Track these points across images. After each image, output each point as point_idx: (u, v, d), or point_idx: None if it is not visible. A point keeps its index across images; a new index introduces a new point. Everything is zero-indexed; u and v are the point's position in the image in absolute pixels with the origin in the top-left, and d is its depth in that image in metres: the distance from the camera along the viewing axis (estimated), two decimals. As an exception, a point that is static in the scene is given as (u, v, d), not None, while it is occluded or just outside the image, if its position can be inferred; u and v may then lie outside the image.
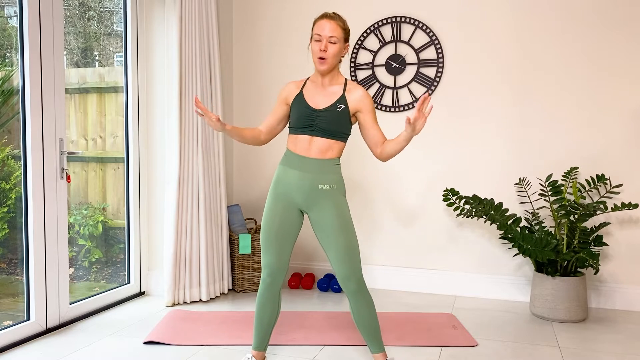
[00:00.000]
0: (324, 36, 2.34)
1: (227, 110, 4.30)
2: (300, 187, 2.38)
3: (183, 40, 3.57)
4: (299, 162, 2.39)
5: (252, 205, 4.40)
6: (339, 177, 2.42)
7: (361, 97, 2.40)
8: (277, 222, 2.40)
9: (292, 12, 4.20)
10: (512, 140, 3.76)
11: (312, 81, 2.47)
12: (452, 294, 3.91)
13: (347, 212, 2.40)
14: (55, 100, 3.03)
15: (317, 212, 2.38)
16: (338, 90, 2.43)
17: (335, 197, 2.39)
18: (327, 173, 2.39)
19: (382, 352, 2.46)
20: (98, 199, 3.66)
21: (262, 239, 2.43)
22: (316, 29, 2.37)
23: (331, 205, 2.37)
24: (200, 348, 2.86)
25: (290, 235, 2.42)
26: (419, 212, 3.97)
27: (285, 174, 2.42)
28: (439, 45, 3.87)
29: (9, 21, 2.99)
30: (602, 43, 3.57)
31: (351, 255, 2.35)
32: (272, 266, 2.41)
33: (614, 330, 3.20)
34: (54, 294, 3.06)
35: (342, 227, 2.35)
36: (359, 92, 2.42)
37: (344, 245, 2.34)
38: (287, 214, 2.41)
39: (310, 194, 2.38)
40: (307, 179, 2.37)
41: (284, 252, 2.41)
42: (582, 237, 3.42)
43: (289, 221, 2.41)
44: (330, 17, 2.37)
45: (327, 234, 2.36)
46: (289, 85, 2.49)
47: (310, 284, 4.04)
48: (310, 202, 2.39)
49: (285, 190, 2.41)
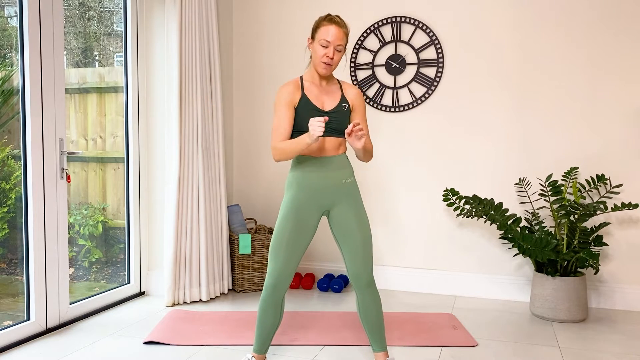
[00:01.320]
0: (332, 44, 2.33)
1: (227, 110, 4.30)
2: (326, 187, 2.40)
3: (183, 40, 3.57)
4: (319, 163, 2.39)
5: (252, 205, 4.40)
6: (352, 169, 2.49)
7: (357, 96, 2.48)
8: (291, 231, 2.37)
9: (292, 12, 4.20)
10: (512, 140, 3.76)
11: (308, 81, 2.44)
12: (452, 294, 3.91)
13: (363, 206, 2.48)
14: (55, 100, 3.03)
15: (340, 208, 2.41)
16: (336, 89, 2.46)
17: (356, 190, 2.46)
18: (346, 167, 2.45)
19: (384, 351, 2.47)
20: (98, 199, 3.66)
21: (272, 246, 2.39)
22: (323, 33, 2.33)
23: (353, 201, 2.42)
24: (200, 348, 2.86)
25: (301, 245, 2.40)
26: (419, 212, 3.97)
27: (307, 179, 2.39)
28: (439, 45, 3.87)
29: (9, 21, 2.99)
30: (602, 43, 3.57)
31: (368, 250, 2.39)
32: (279, 274, 2.38)
33: (614, 330, 3.20)
34: (54, 294, 3.06)
35: (361, 223, 2.40)
36: (354, 91, 2.49)
37: (362, 240, 2.38)
38: (303, 222, 2.38)
39: (337, 191, 2.41)
40: (330, 178, 2.40)
41: (293, 260, 2.39)
42: (582, 237, 3.42)
43: (304, 231, 2.39)
44: (338, 23, 2.34)
45: (347, 230, 2.39)
46: (288, 88, 2.39)
47: (310, 284, 4.04)
48: (336, 199, 2.41)
49: (309, 196, 2.39)
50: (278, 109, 2.36)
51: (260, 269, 3.97)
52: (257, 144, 4.35)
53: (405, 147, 3.98)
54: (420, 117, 3.94)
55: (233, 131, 4.41)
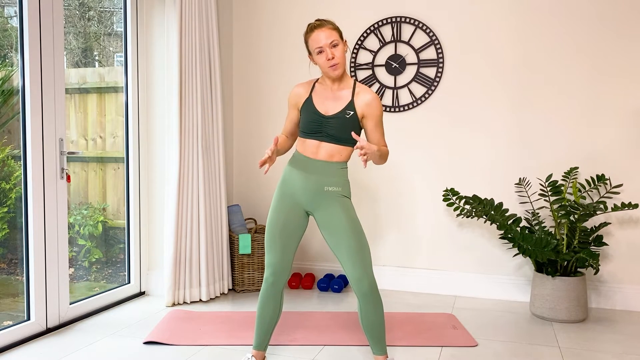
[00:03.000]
0: (325, 45, 2.32)
1: (227, 110, 4.30)
2: (305, 188, 2.39)
3: (183, 40, 3.57)
4: (306, 163, 2.40)
5: (252, 205, 4.40)
6: (344, 180, 2.42)
7: (368, 102, 2.38)
8: (282, 222, 2.40)
9: (292, 11, 4.20)
10: (512, 140, 3.76)
11: (320, 84, 2.43)
12: (452, 294, 3.91)
13: (354, 213, 2.40)
14: (55, 100, 3.03)
15: (323, 214, 2.38)
16: (347, 94, 2.39)
17: (340, 199, 2.38)
18: (333, 176, 2.39)
19: (384, 355, 2.46)
20: (98, 199, 3.66)
21: (266, 238, 2.43)
22: (312, 43, 2.34)
23: (337, 207, 2.37)
24: (200, 348, 2.86)
25: (294, 236, 2.42)
26: (419, 212, 3.97)
27: (291, 175, 2.42)
28: (439, 45, 3.87)
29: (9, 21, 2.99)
30: (602, 43, 3.57)
31: (362, 256, 2.34)
32: (275, 265, 2.40)
33: (614, 330, 3.20)
34: (54, 294, 3.06)
35: (351, 228, 2.34)
36: (367, 97, 2.38)
37: (355, 246, 2.33)
38: (292, 214, 2.41)
39: (315, 196, 2.38)
40: (312, 181, 2.38)
41: (288, 251, 2.41)
42: (582, 237, 3.42)
43: (294, 221, 2.41)
44: (319, 25, 2.34)
45: (337, 236, 2.35)
46: (298, 89, 2.46)
47: (310, 284, 4.04)
48: (316, 204, 2.39)
49: (291, 191, 2.42)
50: (288, 106, 2.51)
51: (260, 269, 3.97)
52: (257, 143, 4.35)
53: (405, 147, 3.98)
54: (420, 117, 3.94)
55: (233, 131, 4.41)
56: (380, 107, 2.40)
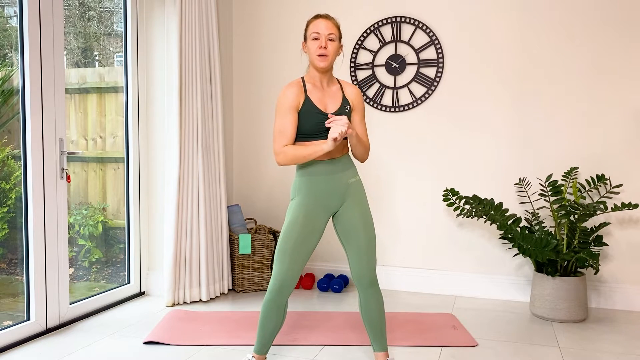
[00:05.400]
0: (323, 34, 2.33)
1: (227, 110, 4.30)
2: (334, 189, 2.39)
3: (183, 40, 3.57)
4: (326, 166, 2.38)
5: (252, 205, 4.40)
6: (356, 168, 2.50)
7: (357, 95, 2.48)
8: (298, 236, 2.35)
9: (291, 11, 4.20)
10: (512, 140, 3.76)
11: (310, 83, 2.42)
12: (452, 294, 3.91)
13: (367, 204, 2.46)
14: (55, 100, 3.03)
15: (345, 208, 2.41)
16: (337, 90, 2.44)
17: (361, 189, 2.45)
18: (350, 167, 2.45)
19: (385, 352, 2.47)
20: (98, 199, 3.66)
21: (278, 249, 2.37)
22: (312, 28, 2.36)
23: (358, 201, 2.42)
24: (200, 348, 2.86)
25: (308, 249, 2.38)
26: (419, 212, 3.97)
27: (316, 183, 2.37)
28: (439, 45, 3.87)
29: (9, 21, 2.99)
30: (602, 43, 3.57)
31: (371, 251, 2.39)
32: (283, 277, 2.36)
33: (614, 330, 3.20)
34: (54, 294, 3.06)
35: (366, 223, 2.40)
36: (354, 90, 2.48)
37: (364, 244, 2.38)
38: (311, 227, 2.37)
39: (344, 192, 2.41)
40: (337, 179, 2.39)
41: (299, 264, 2.37)
42: (582, 237, 3.42)
43: (312, 235, 2.37)
44: (325, 16, 2.38)
45: (352, 230, 2.39)
46: (292, 90, 2.34)
47: (310, 284, 4.04)
48: (344, 200, 2.42)
49: (318, 200, 2.38)
50: (281, 111, 2.32)
51: (260, 269, 3.97)
52: (257, 143, 4.35)
53: (405, 147, 3.98)
54: (420, 117, 3.94)
55: (233, 131, 4.41)
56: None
